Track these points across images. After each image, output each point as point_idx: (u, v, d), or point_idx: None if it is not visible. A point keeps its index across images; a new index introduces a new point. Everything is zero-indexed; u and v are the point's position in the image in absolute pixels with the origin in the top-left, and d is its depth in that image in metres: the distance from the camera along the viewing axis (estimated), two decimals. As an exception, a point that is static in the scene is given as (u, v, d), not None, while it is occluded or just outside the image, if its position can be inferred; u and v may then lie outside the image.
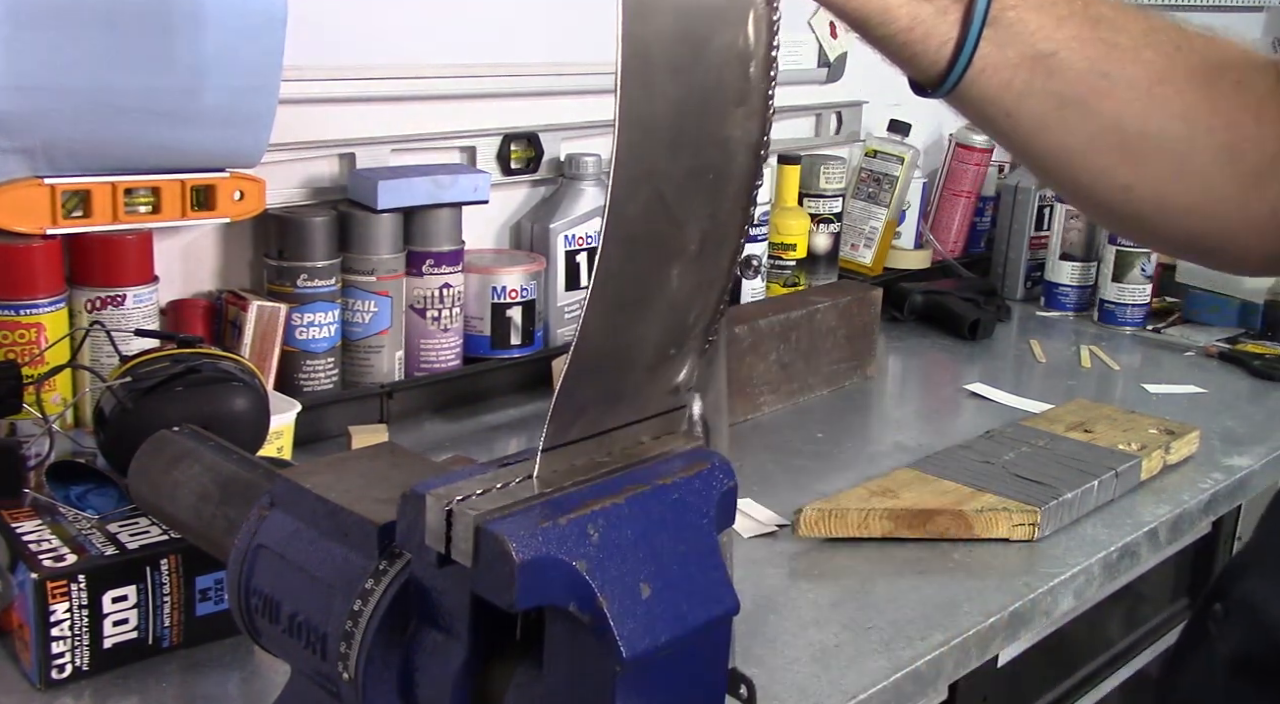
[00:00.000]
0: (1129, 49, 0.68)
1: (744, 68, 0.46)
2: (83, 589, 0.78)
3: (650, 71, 0.43)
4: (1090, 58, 0.67)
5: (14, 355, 1.05)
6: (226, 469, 0.69)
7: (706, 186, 0.47)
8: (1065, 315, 1.90)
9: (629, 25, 0.41)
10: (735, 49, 0.46)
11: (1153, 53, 0.68)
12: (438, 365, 1.36)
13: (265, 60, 1.10)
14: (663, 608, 0.46)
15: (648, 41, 0.42)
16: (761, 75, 0.47)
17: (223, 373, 0.92)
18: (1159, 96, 0.68)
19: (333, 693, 0.56)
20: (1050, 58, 0.66)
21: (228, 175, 1.15)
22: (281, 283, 1.24)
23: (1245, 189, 0.69)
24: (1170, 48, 0.69)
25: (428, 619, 0.51)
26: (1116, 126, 0.68)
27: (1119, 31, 0.68)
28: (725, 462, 0.52)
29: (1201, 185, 0.69)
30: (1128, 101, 0.68)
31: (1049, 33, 0.66)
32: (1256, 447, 1.36)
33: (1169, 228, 0.72)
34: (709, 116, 0.46)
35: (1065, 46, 0.66)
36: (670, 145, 0.44)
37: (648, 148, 0.44)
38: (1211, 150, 0.68)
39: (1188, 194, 0.70)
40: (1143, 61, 0.68)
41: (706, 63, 0.45)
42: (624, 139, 0.42)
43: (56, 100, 1.02)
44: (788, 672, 0.86)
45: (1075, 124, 0.68)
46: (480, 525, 0.44)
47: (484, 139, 1.44)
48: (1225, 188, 0.69)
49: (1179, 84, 0.68)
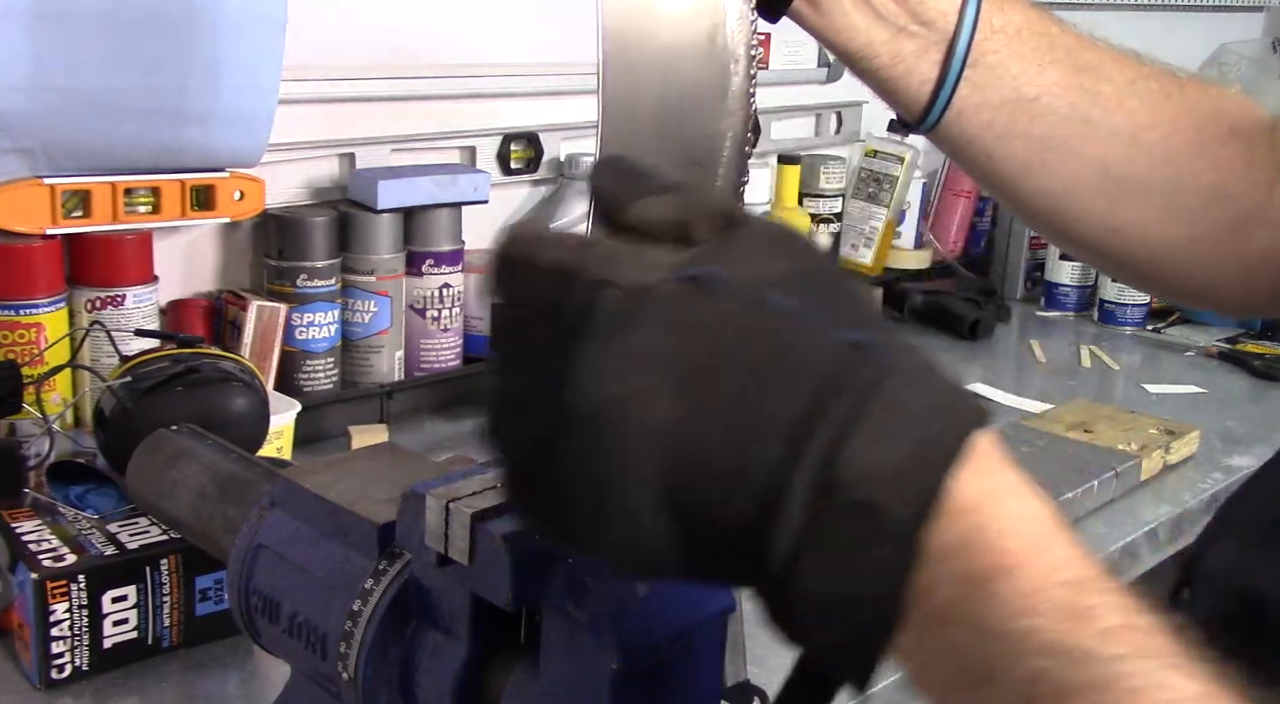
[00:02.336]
0: (1112, 97, 0.68)
1: (724, 64, 0.47)
2: (83, 589, 0.78)
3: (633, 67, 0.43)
4: (1072, 103, 0.67)
5: (14, 355, 1.05)
6: (224, 467, 0.69)
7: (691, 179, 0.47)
8: (1065, 315, 1.90)
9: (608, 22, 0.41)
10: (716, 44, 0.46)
11: (1138, 102, 0.68)
12: (438, 365, 1.36)
13: (265, 60, 1.10)
14: (659, 606, 0.46)
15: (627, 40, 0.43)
16: (743, 70, 0.47)
17: (223, 373, 0.93)
18: (1143, 143, 0.68)
19: (333, 693, 0.56)
20: (1032, 102, 0.66)
21: (228, 175, 1.15)
22: (281, 283, 1.24)
23: (1234, 232, 0.69)
24: (1159, 96, 0.68)
25: (427, 619, 0.51)
26: (1101, 170, 0.68)
27: (1103, 80, 0.68)
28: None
29: (1189, 227, 0.69)
30: (1111, 147, 0.68)
31: (1031, 78, 0.66)
32: (1256, 447, 1.36)
33: (1159, 270, 0.72)
34: (691, 111, 0.46)
35: (1047, 92, 0.66)
36: (655, 135, 0.45)
37: (630, 139, 0.44)
38: (1199, 193, 0.68)
39: (1176, 236, 0.69)
40: (1126, 110, 0.68)
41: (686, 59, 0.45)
42: (607, 129, 0.42)
43: (56, 100, 1.02)
44: (788, 672, 0.86)
45: (1058, 167, 0.68)
46: (476, 523, 0.45)
47: (484, 139, 1.44)
48: (1214, 230, 0.69)
49: (1164, 130, 0.68)
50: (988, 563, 0.32)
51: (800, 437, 0.32)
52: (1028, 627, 0.31)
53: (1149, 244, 0.70)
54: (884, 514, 0.32)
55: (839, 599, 0.33)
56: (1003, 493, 0.34)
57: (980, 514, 0.33)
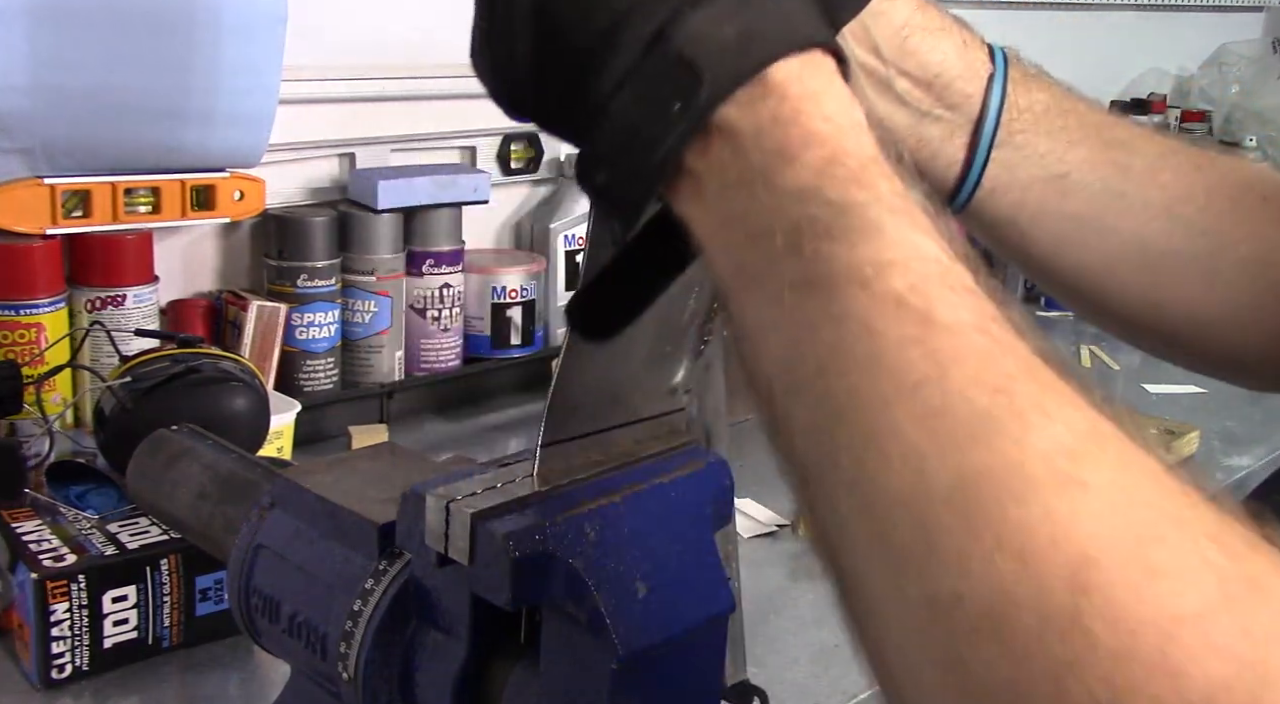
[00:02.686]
0: (1144, 171, 0.67)
1: None
2: (83, 589, 0.78)
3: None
4: (1104, 178, 0.66)
5: (14, 355, 1.05)
6: (224, 467, 0.69)
7: None
8: (1065, 315, 1.90)
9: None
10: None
11: (1170, 175, 0.67)
12: (438, 365, 1.36)
13: (265, 60, 1.10)
14: (659, 606, 0.46)
15: None
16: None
17: (223, 373, 0.93)
18: (1180, 215, 0.67)
19: (333, 693, 0.56)
20: (1063, 179, 0.66)
21: (228, 175, 1.15)
22: (281, 283, 1.24)
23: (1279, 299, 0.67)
24: (1189, 168, 0.67)
25: (428, 619, 0.52)
26: (1138, 244, 0.67)
27: (1134, 154, 0.67)
28: (722, 460, 0.52)
29: (1232, 298, 0.67)
30: (1146, 220, 0.66)
31: (1060, 155, 0.65)
32: (1256, 447, 1.36)
33: (1205, 344, 0.70)
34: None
35: (1077, 168, 0.66)
36: None
37: None
38: (1240, 263, 0.67)
39: (1219, 308, 0.68)
40: (1159, 184, 0.67)
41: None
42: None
43: (56, 100, 1.02)
44: (788, 672, 0.86)
45: (1094, 243, 0.67)
46: (476, 523, 0.45)
47: (484, 139, 1.45)
48: (1258, 299, 0.67)
49: (1199, 201, 0.67)
50: (795, 138, 0.36)
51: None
52: (812, 184, 0.35)
53: (1193, 319, 0.69)
54: (698, 75, 0.36)
55: (631, 135, 0.37)
56: (829, 94, 0.37)
57: (805, 102, 0.36)
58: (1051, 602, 0.29)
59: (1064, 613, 0.28)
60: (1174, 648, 0.28)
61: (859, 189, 0.35)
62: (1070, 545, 0.29)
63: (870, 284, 0.34)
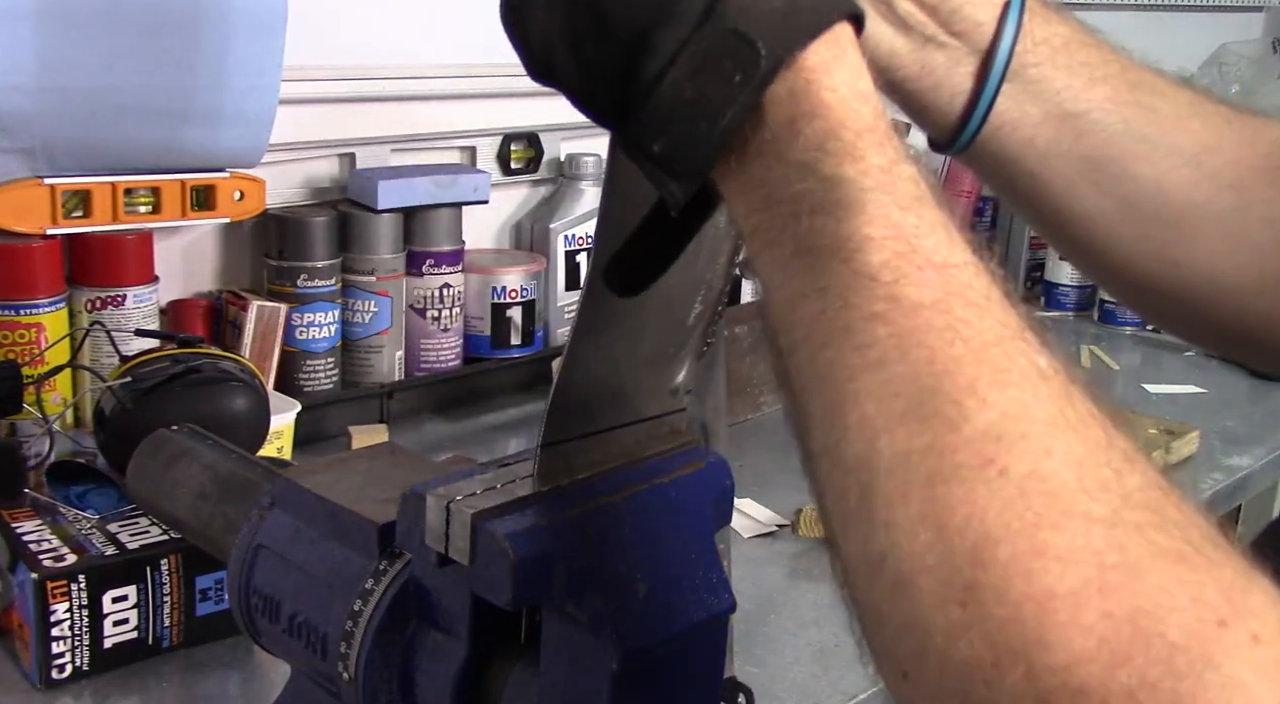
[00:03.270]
0: (1171, 116, 0.62)
1: None
2: (83, 589, 0.78)
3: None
4: (1127, 120, 0.61)
5: (14, 355, 1.05)
6: (224, 467, 0.69)
7: None
8: (1065, 315, 1.90)
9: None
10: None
11: (1199, 123, 0.62)
12: (438, 365, 1.36)
13: (265, 60, 1.10)
14: (659, 606, 0.46)
15: None
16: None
17: (223, 373, 0.93)
18: (1206, 166, 0.61)
19: (333, 693, 0.56)
20: (1079, 118, 0.61)
21: (228, 175, 1.15)
22: (281, 283, 1.24)
23: None
24: (1219, 120, 0.63)
25: (428, 619, 0.52)
26: (1158, 193, 0.61)
27: (1161, 97, 0.62)
28: (722, 461, 0.52)
29: (1258, 264, 0.62)
30: (1170, 168, 0.61)
31: (1078, 92, 0.61)
32: (1256, 447, 1.36)
33: (1222, 313, 0.64)
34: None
35: (1098, 107, 0.61)
36: None
37: None
38: (1269, 227, 0.61)
39: (1244, 273, 0.62)
40: (1188, 130, 0.62)
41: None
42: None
43: (56, 100, 1.02)
44: (788, 672, 0.86)
45: (1109, 187, 0.62)
46: (477, 523, 0.45)
47: (484, 139, 1.44)
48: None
49: (1229, 155, 0.62)
50: (803, 110, 0.38)
51: None
52: (812, 158, 0.38)
53: (1214, 282, 0.63)
54: (751, 47, 0.38)
55: (692, 105, 0.39)
56: (840, 63, 0.39)
57: (816, 73, 0.38)
58: (955, 572, 0.33)
59: (963, 582, 0.33)
60: (1048, 621, 0.31)
61: (850, 163, 0.37)
62: (979, 525, 0.33)
63: (851, 259, 0.37)
